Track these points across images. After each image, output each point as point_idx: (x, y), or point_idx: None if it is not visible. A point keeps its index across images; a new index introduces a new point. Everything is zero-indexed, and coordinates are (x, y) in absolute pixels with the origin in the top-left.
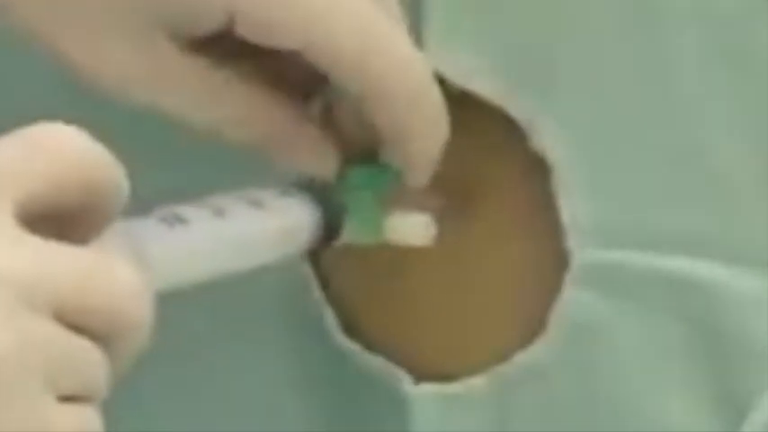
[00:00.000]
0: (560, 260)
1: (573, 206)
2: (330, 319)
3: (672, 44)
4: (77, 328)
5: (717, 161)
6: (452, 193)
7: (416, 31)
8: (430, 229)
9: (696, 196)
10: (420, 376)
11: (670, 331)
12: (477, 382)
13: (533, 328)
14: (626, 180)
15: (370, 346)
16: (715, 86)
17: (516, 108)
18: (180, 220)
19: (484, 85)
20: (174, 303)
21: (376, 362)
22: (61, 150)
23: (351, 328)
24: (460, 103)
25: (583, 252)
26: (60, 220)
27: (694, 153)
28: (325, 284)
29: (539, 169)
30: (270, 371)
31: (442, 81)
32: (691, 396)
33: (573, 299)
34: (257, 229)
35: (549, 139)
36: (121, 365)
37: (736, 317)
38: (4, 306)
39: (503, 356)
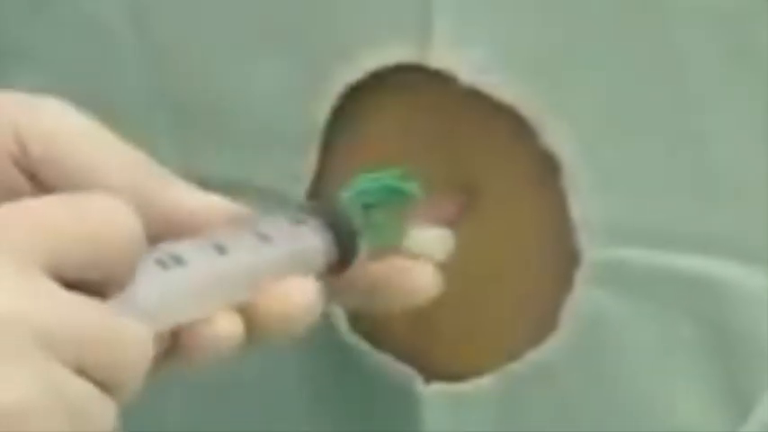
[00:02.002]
0: (571, 258)
1: (583, 204)
2: (338, 316)
3: (680, 43)
4: (94, 380)
5: (728, 160)
6: (461, 191)
7: (425, 27)
8: (448, 242)
9: (706, 194)
10: (430, 375)
11: (681, 329)
12: (487, 381)
13: (544, 326)
14: (636, 178)
15: (378, 344)
16: (725, 86)
17: (526, 105)
18: (177, 260)
19: (493, 82)
20: None
21: (385, 360)
22: (106, 223)
23: (359, 326)
24: (469, 100)
25: (593, 250)
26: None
27: (705, 152)
28: None
29: (548, 167)
30: (276, 368)
31: (450, 78)
32: (701, 394)
33: (584, 297)
34: (263, 264)
35: (558, 137)
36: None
37: (747, 315)
38: (32, 356)
39: (513, 355)
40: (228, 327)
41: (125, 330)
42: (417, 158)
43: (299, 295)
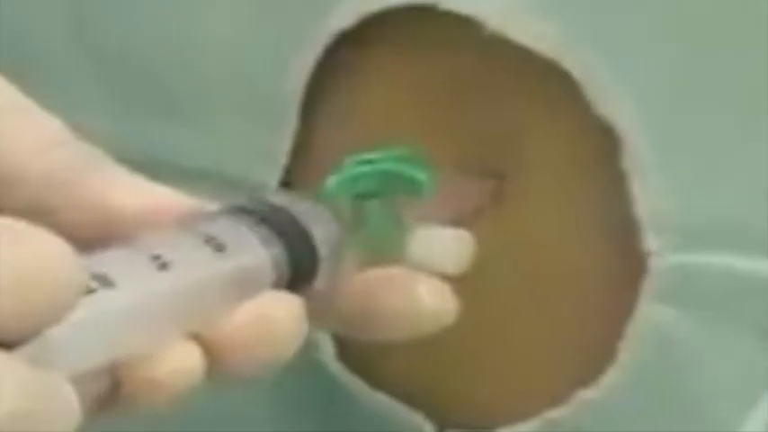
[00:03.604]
0: (634, 266)
1: (651, 194)
2: (327, 349)
3: None
4: None
5: None
6: (489, 176)
7: None
8: (467, 248)
9: None
10: (444, 422)
11: None
12: (522, 431)
13: (598, 357)
14: (720, 158)
15: (375, 381)
16: None
17: (573, 61)
18: (104, 281)
19: (530, 31)
20: None
21: (387, 404)
22: (41, 272)
23: (350, 356)
24: (497, 55)
25: (664, 255)
26: None
27: None
28: None
29: (604, 145)
30: (242, 408)
31: (473, 24)
32: None
33: (651, 318)
34: (216, 281)
35: (618, 104)
36: None
37: None
38: None
39: (557, 396)
40: (182, 361)
41: (58, 397)
42: (427, 134)
43: (283, 313)
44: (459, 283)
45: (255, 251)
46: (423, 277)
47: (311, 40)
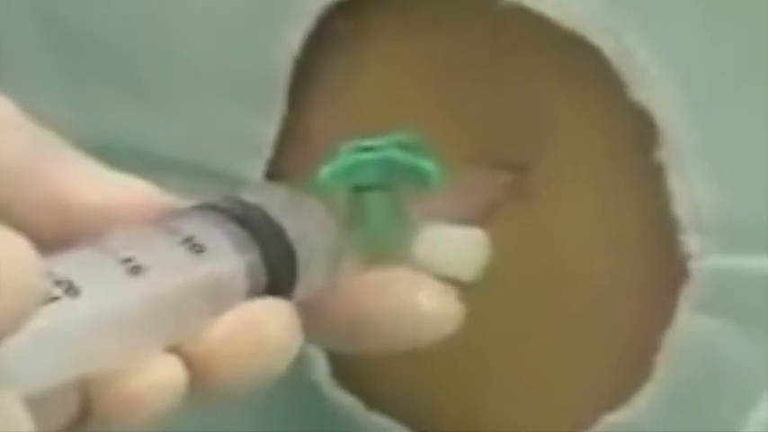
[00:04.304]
0: (673, 271)
1: (692, 189)
2: (320, 366)
3: None
4: None
5: None
6: (506, 167)
7: None
8: (479, 250)
9: None
10: None
11: None
12: None
13: (631, 374)
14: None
15: (375, 403)
16: None
17: (603, 34)
18: (69, 288)
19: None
20: None
21: (385, 425)
22: (8, 277)
23: (348, 379)
24: (515, 29)
25: (706, 258)
26: None
27: None
28: None
29: (639, 133)
30: (225, 428)
31: None
32: None
33: (692, 328)
34: (187, 285)
35: (655, 86)
36: None
37: None
38: None
39: (580, 420)
40: (161, 375)
41: (4, 419)
42: (434, 119)
43: (274, 321)
44: (470, 287)
45: (228, 258)
46: (422, 279)
47: (301, 10)
